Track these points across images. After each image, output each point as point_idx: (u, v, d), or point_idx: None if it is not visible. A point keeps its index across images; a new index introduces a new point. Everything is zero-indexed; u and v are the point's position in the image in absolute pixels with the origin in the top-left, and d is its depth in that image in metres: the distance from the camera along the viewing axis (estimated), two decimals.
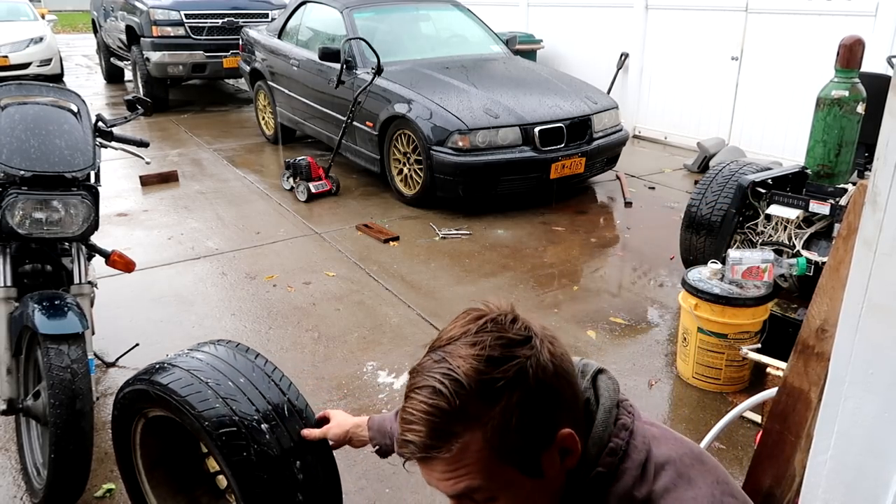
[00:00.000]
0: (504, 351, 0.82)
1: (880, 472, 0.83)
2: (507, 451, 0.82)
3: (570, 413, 0.87)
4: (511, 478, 0.84)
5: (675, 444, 0.96)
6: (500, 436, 0.81)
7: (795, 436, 1.36)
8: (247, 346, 1.68)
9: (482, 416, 0.80)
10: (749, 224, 3.33)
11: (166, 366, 1.56)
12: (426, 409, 0.81)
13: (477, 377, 0.80)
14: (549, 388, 0.83)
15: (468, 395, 0.79)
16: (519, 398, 0.81)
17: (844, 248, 1.26)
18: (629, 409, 0.95)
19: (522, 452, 0.83)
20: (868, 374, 0.82)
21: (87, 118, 2.57)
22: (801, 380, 1.35)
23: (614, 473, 0.88)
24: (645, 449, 0.91)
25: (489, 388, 0.80)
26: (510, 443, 0.81)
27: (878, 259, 0.78)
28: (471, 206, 5.20)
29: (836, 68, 2.95)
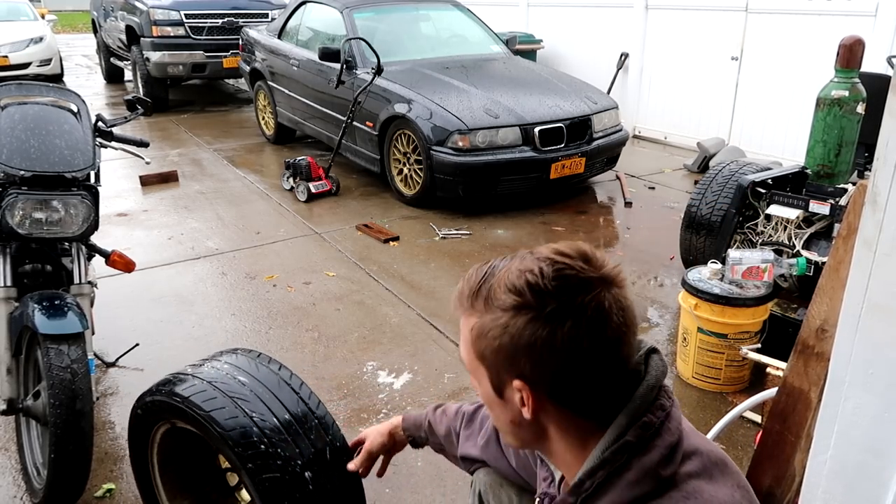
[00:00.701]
0: (536, 289, 0.85)
1: (880, 472, 0.83)
2: (480, 353, 0.91)
3: (541, 377, 0.87)
4: (482, 376, 0.93)
5: (705, 442, 0.97)
6: (479, 336, 0.90)
7: (795, 436, 1.36)
8: (269, 356, 1.65)
9: (481, 313, 0.89)
10: (749, 224, 3.33)
11: (185, 377, 1.53)
12: (469, 277, 0.94)
13: (503, 289, 0.88)
14: (543, 348, 0.85)
15: (485, 290, 0.90)
16: (507, 326, 0.86)
17: (844, 248, 1.26)
18: (670, 395, 0.94)
19: (489, 365, 0.91)
20: (868, 374, 0.82)
21: (87, 118, 2.57)
22: (801, 380, 1.36)
23: (643, 446, 0.86)
24: (678, 433, 0.90)
25: (497, 301, 0.88)
26: (482, 347, 0.90)
27: (878, 259, 0.78)
28: (471, 206, 5.20)
29: (836, 68, 2.95)
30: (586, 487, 0.86)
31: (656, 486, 0.84)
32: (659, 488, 0.84)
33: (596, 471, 0.86)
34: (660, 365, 0.94)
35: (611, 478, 0.85)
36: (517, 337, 0.85)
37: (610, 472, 0.85)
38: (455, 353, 3.27)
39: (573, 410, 0.90)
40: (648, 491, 0.84)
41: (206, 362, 1.60)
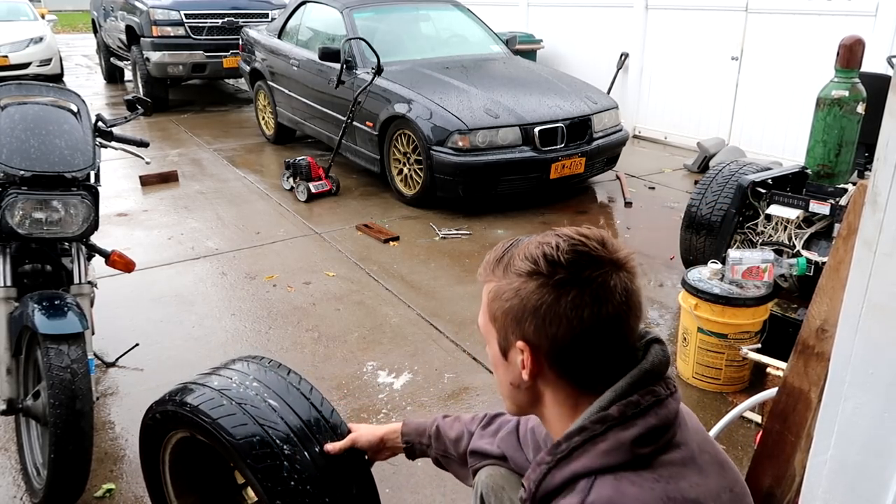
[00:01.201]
0: (550, 259, 0.93)
1: (880, 472, 0.84)
2: (492, 315, 0.99)
3: (543, 341, 0.94)
4: (492, 337, 1.01)
5: (707, 441, 0.97)
6: (493, 299, 0.98)
7: (795, 436, 1.36)
8: (278, 361, 1.63)
9: (501, 277, 0.98)
10: (749, 224, 3.33)
11: (194, 386, 1.52)
12: (494, 249, 1.02)
13: (521, 254, 0.96)
14: (547, 312, 0.92)
15: (505, 259, 0.98)
16: (519, 290, 0.94)
17: (844, 248, 1.26)
18: (671, 387, 0.95)
19: (499, 327, 0.99)
20: (868, 374, 0.82)
21: (87, 118, 2.57)
22: (801, 380, 1.36)
23: (623, 421, 0.89)
24: (666, 421, 0.91)
25: (518, 266, 0.95)
26: (494, 308, 0.98)
27: (878, 259, 0.78)
28: (471, 206, 5.20)
29: (836, 68, 2.95)
30: (562, 449, 0.91)
31: (629, 459, 0.88)
32: (632, 463, 0.88)
33: (573, 435, 0.91)
34: (659, 354, 0.97)
35: (585, 444, 0.90)
36: (526, 300, 0.93)
37: (585, 439, 0.90)
38: (455, 353, 3.27)
39: (569, 378, 0.96)
40: (620, 462, 0.88)
41: (216, 371, 1.59)
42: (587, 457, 0.89)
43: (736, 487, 0.96)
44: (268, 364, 1.60)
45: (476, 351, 3.26)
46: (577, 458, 0.89)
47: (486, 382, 3.02)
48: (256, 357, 1.65)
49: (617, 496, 0.85)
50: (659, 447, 0.90)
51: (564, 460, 0.90)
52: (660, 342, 0.99)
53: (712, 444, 1.00)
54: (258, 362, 1.60)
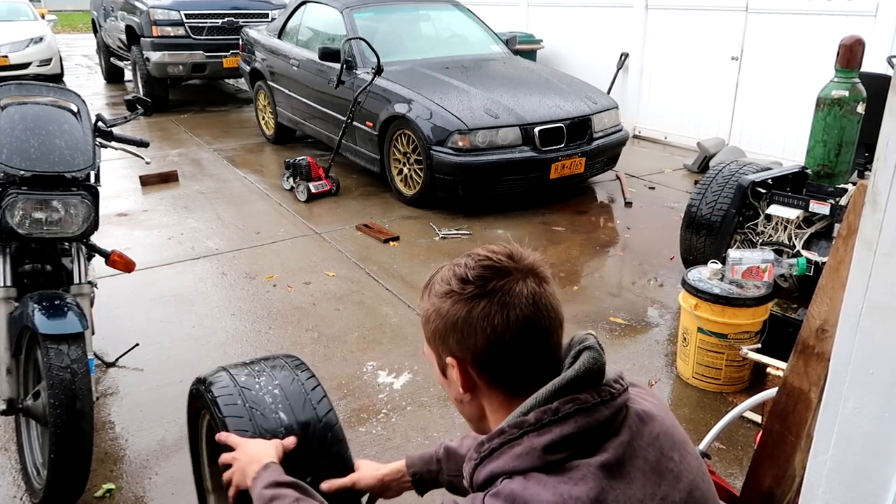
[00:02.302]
0: (458, 278, 1.01)
1: (880, 472, 0.83)
2: (427, 336, 1.06)
3: (466, 353, 1.00)
4: (433, 359, 1.08)
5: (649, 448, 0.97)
6: (425, 322, 1.05)
7: (795, 436, 1.36)
8: (311, 371, 1.61)
9: (426, 302, 1.05)
10: (749, 224, 3.33)
11: (224, 376, 1.52)
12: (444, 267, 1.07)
13: (438, 277, 1.05)
14: (463, 325, 0.99)
15: (430, 284, 1.06)
16: (439, 310, 1.02)
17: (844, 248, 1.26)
18: (606, 395, 0.96)
19: (433, 348, 1.06)
20: (868, 374, 0.82)
21: (87, 118, 2.57)
22: (801, 380, 1.36)
23: (539, 427, 0.93)
24: (588, 428, 0.93)
25: (435, 288, 1.04)
26: (427, 331, 1.05)
27: (878, 259, 0.78)
28: (471, 206, 5.20)
29: (836, 68, 2.95)
30: (484, 448, 0.96)
31: (540, 464, 0.92)
32: (545, 467, 0.92)
33: (493, 437, 0.96)
34: (588, 361, 0.98)
35: (503, 446, 0.94)
36: (446, 317, 1.01)
37: (503, 442, 0.95)
38: None
39: (498, 385, 1.01)
40: (532, 466, 0.92)
41: (254, 364, 1.58)
42: (503, 459, 0.94)
43: (672, 496, 0.95)
44: (300, 372, 1.57)
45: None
46: (495, 459, 0.95)
47: None
48: (295, 360, 1.63)
49: (520, 490, 0.90)
50: (575, 453, 0.92)
51: (486, 459, 0.96)
52: (592, 349, 1.00)
53: (660, 451, 0.98)
54: (292, 368, 1.58)
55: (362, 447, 2.60)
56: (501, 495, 0.91)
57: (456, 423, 2.74)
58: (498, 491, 0.91)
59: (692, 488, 0.99)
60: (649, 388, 1.12)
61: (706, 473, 1.05)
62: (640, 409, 1.01)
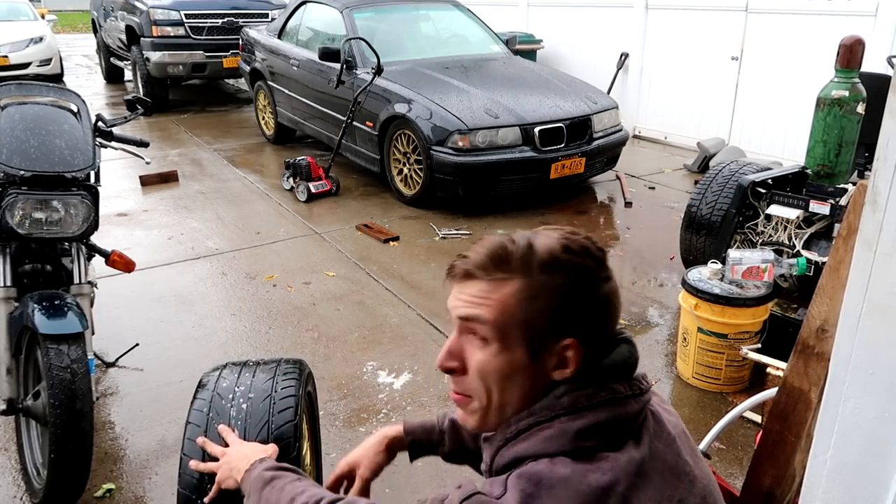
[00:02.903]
0: (581, 252, 0.94)
1: (880, 472, 0.83)
2: (525, 313, 0.92)
3: (588, 336, 0.94)
4: (512, 337, 0.93)
5: (668, 450, 0.96)
6: (531, 298, 0.92)
7: (795, 436, 1.36)
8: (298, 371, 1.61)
9: (532, 275, 0.92)
10: (749, 224, 3.33)
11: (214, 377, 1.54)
12: (497, 243, 0.95)
13: (548, 250, 0.93)
14: (591, 303, 0.94)
15: (532, 255, 0.93)
16: (566, 286, 0.93)
17: (844, 248, 1.26)
18: (636, 389, 0.96)
19: (534, 325, 0.93)
20: (868, 374, 0.82)
21: (86, 118, 2.57)
22: (801, 380, 1.35)
23: (572, 412, 0.91)
24: (620, 419, 0.92)
25: (552, 262, 0.93)
26: (533, 309, 0.92)
27: (878, 259, 0.78)
28: (471, 206, 5.20)
29: (836, 68, 2.95)
30: (511, 430, 0.93)
31: (571, 448, 0.89)
32: (573, 452, 0.89)
33: (521, 419, 0.93)
34: (624, 353, 0.97)
35: (531, 428, 0.92)
36: (571, 296, 0.93)
37: (531, 423, 0.92)
38: None
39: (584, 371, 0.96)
40: (561, 450, 0.89)
41: (244, 370, 1.58)
42: (531, 441, 0.91)
43: (687, 500, 0.95)
44: (280, 382, 1.56)
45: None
46: (522, 441, 0.92)
47: None
48: (288, 367, 1.63)
49: (546, 472, 0.87)
50: (605, 443, 0.91)
51: (512, 441, 0.93)
52: (629, 343, 1.00)
53: (679, 453, 0.99)
54: (276, 377, 1.57)
55: None
56: (526, 475, 0.88)
57: None
58: (523, 471, 0.89)
59: (706, 494, 0.98)
60: (660, 396, 1.11)
61: (716, 482, 1.05)
62: (657, 411, 1.01)
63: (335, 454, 2.56)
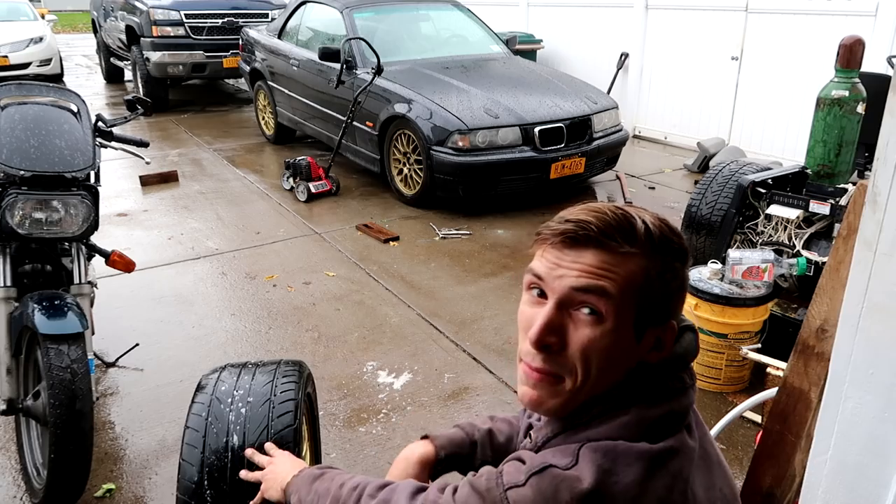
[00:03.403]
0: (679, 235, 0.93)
1: (880, 472, 0.84)
2: (644, 292, 0.88)
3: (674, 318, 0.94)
4: (626, 312, 0.88)
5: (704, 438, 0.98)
6: (652, 277, 0.88)
7: (795, 436, 1.36)
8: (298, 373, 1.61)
9: (652, 253, 0.89)
10: (749, 224, 3.33)
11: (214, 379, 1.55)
12: (621, 214, 0.89)
13: (660, 230, 0.90)
14: (685, 286, 0.95)
15: (651, 233, 0.89)
16: (677, 268, 0.91)
17: (844, 248, 1.26)
18: (694, 379, 0.96)
19: (649, 305, 0.89)
20: (868, 374, 0.82)
21: (86, 118, 2.57)
22: (801, 380, 1.36)
23: (651, 401, 0.90)
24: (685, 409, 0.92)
25: (666, 243, 0.90)
26: (652, 289, 0.89)
27: (878, 259, 0.78)
28: (471, 206, 5.20)
29: (836, 68, 2.95)
30: (583, 418, 0.91)
31: (645, 437, 0.87)
32: (646, 439, 0.87)
33: (591, 405, 0.90)
34: (692, 342, 0.98)
35: (607, 413, 0.89)
36: (681, 280, 0.92)
37: (608, 408, 0.89)
38: (455, 353, 3.27)
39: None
40: (635, 436, 0.87)
41: (243, 372, 1.59)
42: (605, 427, 0.89)
43: (726, 489, 0.97)
44: (280, 385, 1.57)
45: (476, 351, 3.27)
46: (594, 427, 0.89)
47: (486, 382, 3.02)
48: (292, 368, 1.63)
49: (623, 449, 0.86)
50: (671, 432, 0.90)
51: (581, 426, 0.90)
52: (693, 331, 0.99)
53: (713, 444, 1.02)
54: (276, 379, 1.58)
55: (362, 447, 2.60)
56: (602, 449, 0.85)
57: None
58: (598, 445, 0.86)
59: (733, 486, 1.00)
60: None
61: None
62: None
63: (335, 454, 2.56)
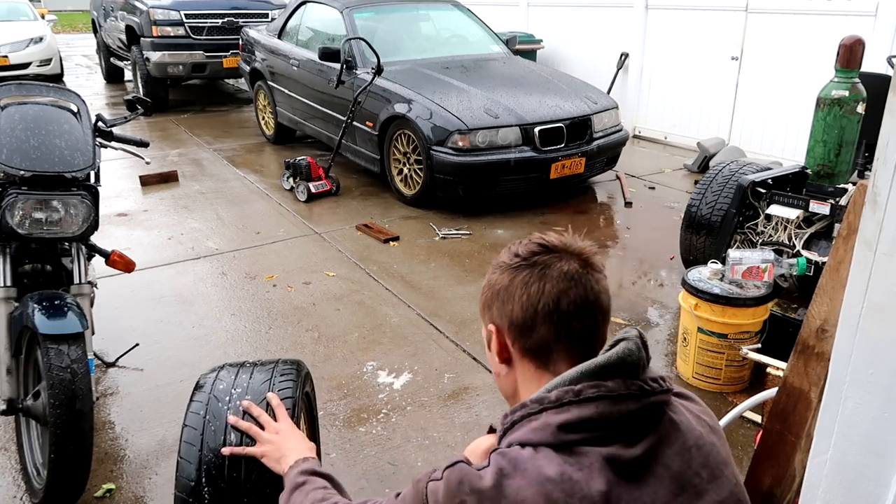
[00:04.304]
0: (514, 254, 1.07)
1: (880, 472, 0.84)
2: (480, 306, 1.12)
3: (504, 321, 1.05)
4: (483, 331, 1.12)
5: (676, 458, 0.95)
6: (480, 294, 1.12)
7: (795, 436, 1.36)
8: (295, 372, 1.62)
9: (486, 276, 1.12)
10: (749, 224, 3.33)
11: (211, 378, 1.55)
12: None
13: (499, 256, 1.11)
14: (503, 292, 1.05)
15: (499, 258, 1.11)
16: (489, 280, 1.09)
17: (844, 248, 1.26)
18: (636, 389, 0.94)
19: (482, 316, 1.11)
20: (868, 374, 0.82)
21: (86, 118, 2.57)
22: (801, 380, 1.35)
23: (559, 405, 0.94)
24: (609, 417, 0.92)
25: (494, 263, 1.11)
26: (480, 301, 1.12)
27: (878, 259, 0.78)
28: (471, 206, 5.20)
29: (836, 68, 2.95)
30: (506, 421, 1.00)
31: (553, 442, 0.93)
32: (556, 445, 0.92)
33: (516, 410, 0.99)
34: (623, 351, 0.97)
35: (522, 419, 0.97)
36: (492, 286, 1.07)
37: (523, 415, 0.97)
38: (455, 353, 3.27)
39: (529, 357, 1.04)
40: (544, 441, 0.93)
41: (241, 371, 1.59)
42: (521, 431, 0.96)
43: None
44: (278, 383, 1.58)
45: (476, 351, 3.26)
46: (515, 431, 0.97)
47: (486, 382, 3.02)
48: (291, 367, 1.64)
49: (525, 458, 0.92)
50: (592, 438, 0.92)
51: (508, 431, 0.99)
52: (629, 341, 0.99)
53: (688, 464, 0.96)
54: (273, 377, 1.59)
55: (362, 447, 2.60)
56: (508, 456, 0.93)
57: (456, 423, 2.74)
58: (506, 452, 0.94)
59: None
60: (703, 405, 1.14)
61: (741, 501, 1.02)
62: (677, 419, 1.00)
63: (335, 454, 2.56)
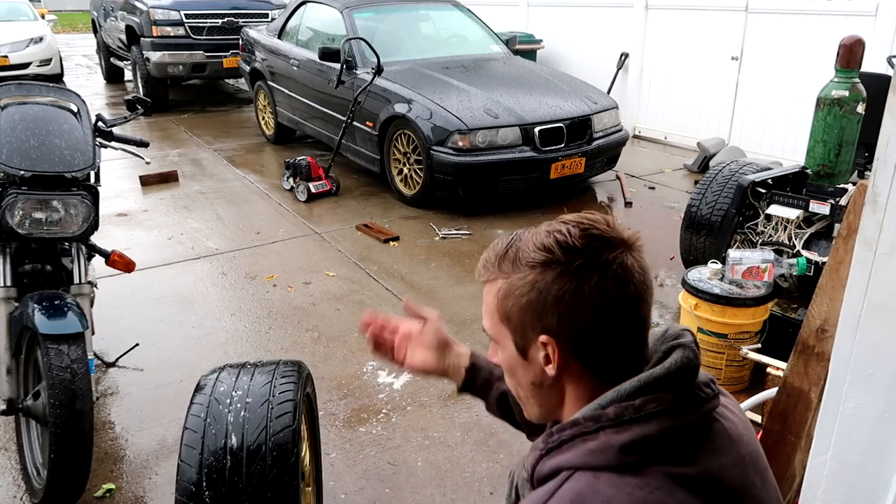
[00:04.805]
0: (569, 250, 0.89)
1: (880, 472, 0.83)
2: (505, 314, 0.93)
3: (568, 332, 0.90)
4: (505, 338, 0.95)
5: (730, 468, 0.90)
6: (505, 296, 0.92)
7: (795, 436, 1.36)
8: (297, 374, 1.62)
9: (508, 274, 0.92)
10: (749, 224, 3.33)
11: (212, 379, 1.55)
12: (493, 245, 0.97)
13: (532, 248, 0.91)
14: (571, 300, 0.88)
15: (512, 254, 0.93)
16: (535, 282, 0.89)
17: (844, 248, 1.26)
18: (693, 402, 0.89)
19: (515, 325, 0.93)
20: (868, 374, 0.82)
21: (87, 118, 2.57)
22: (801, 380, 1.36)
23: (618, 423, 0.85)
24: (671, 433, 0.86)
25: (525, 260, 0.91)
26: (508, 306, 0.92)
27: (878, 259, 0.78)
28: (471, 206, 5.20)
29: (836, 68, 2.95)
30: (554, 439, 0.89)
31: (616, 463, 0.84)
32: (619, 467, 0.84)
33: (565, 428, 0.88)
34: (680, 360, 0.91)
35: (574, 438, 0.87)
36: (545, 291, 0.89)
37: (575, 434, 0.87)
38: None
39: (592, 371, 0.92)
40: (605, 465, 0.84)
41: (242, 372, 1.59)
42: (573, 452, 0.86)
43: None
44: (278, 385, 1.58)
45: (476, 351, 3.26)
46: (564, 451, 0.87)
47: None
48: (291, 369, 1.63)
49: (588, 491, 0.82)
50: (653, 457, 0.85)
51: (554, 450, 0.88)
52: (687, 348, 0.92)
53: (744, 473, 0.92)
54: (274, 380, 1.59)
55: (362, 447, 2.60)
56: (568, 496, 0.82)
57: (456, 423, 2.74)
58: (564, 490, 0.83)
59: None
60: (737, 404, 1.04)
61: (780, 500, 0.98)
62: (728, 427, 0.94)
63: (335, 454, 2.56)
